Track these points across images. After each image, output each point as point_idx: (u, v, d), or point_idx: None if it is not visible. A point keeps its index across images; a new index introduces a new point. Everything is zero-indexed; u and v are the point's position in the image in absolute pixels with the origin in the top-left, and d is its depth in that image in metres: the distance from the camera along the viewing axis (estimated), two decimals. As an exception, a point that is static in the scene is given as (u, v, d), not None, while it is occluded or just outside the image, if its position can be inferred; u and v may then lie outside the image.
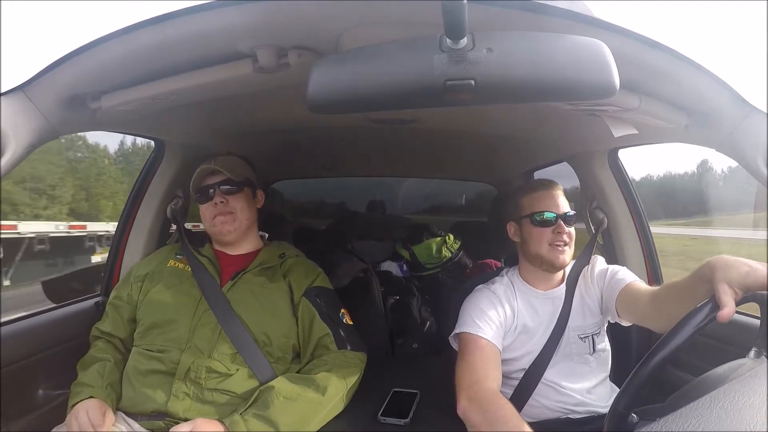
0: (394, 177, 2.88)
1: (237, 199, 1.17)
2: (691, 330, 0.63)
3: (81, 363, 1.07)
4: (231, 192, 1.16)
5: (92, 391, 0.99)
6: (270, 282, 1.14)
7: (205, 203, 1.17)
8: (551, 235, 1.08)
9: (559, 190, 1.13)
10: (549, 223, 1.08)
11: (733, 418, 0.45)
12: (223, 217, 1.15)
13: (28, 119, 0.76)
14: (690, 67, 0.73)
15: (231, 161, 1.20)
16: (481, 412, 0.88)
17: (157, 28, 0.70)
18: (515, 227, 1.15)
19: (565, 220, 1.08)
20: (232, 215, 1.16)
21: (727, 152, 0.81)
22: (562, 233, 1.07)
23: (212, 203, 1.15)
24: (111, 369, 1.05)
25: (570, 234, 1.09)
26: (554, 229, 1.08)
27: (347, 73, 0.53)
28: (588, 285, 1.13)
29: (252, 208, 1.22)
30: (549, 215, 1.08)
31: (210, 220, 1.16)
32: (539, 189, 1.13)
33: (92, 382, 1.01)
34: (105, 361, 1.06)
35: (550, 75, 0.51)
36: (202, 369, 1.00)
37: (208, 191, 1.16)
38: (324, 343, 1.11)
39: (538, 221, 1.09)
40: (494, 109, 1.24)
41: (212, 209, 1.15)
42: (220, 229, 1.16)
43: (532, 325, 1.10)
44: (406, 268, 2.22)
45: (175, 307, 1.08)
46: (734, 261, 0.67)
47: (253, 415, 0.93)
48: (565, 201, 1.12)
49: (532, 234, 1.10)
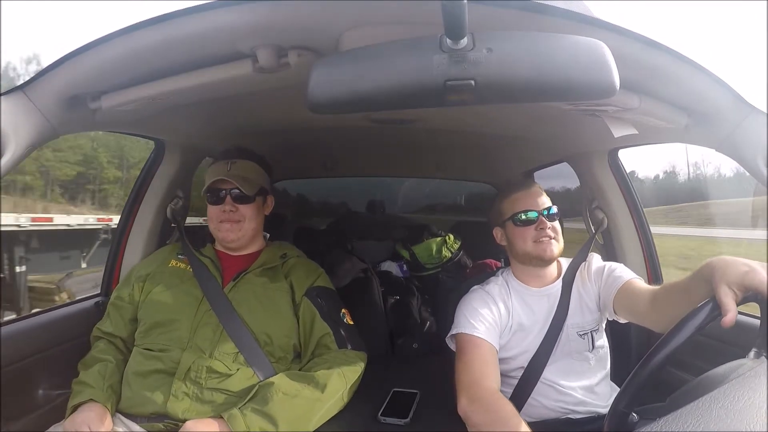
0: (394, 177, 2.89)
1: (247, 209, 1.15)
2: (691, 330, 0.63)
3: (82, 363, 1.07)
4: (242, 200, 1.14)
5: (93, 393, 0.98)
6: (271, 282, 1.14)
7: (214, 205, 1.15)
8: (534, 232, 1.09)
9: (537, 188, 1.14)
10: (531, 221, 1.09)
11: (733, 417, 0.45)
12: (229, 224, 1.14)
13: (28, 119, 0.76)
14: (690, 67, 0.73)
15: (246, 170, 1.17)
16: (482, 412, 0.88)
17: (157, 28, 0.70)
18: (501, 232, 1.17)
19: (546, 216, 1.09)
20: (240, 224, 1.14)
21: (727, 152, 0.81)
22: (545, 228, 1.08)
23: (221, 208, 1.14)
24: (112, 370, 1.05)
25: (554, 228, 1.09)
26: (537, 226, 1.09)
27: (347, 73, 0.53)
28: (585, 282, 1.13)
29: (260, 216, 1.20)
30: (530, 214, 1.09)
31: (216, 223, 1.15)
32: (517, 190, 1.14)
33: (93, 382, 1.00)
34: (106, 362, 1.05)
35: (550, 75, 0.51)
36: (202, 369, 1.00)
37: (219, 193, 1.14)
38: (325, 343, 1.11)
39: (521, 220, 1.10)
40: (494, 109, 1.24)
41: (220, 214, 1.14)
42: (225, 235, 1.15)
43: (527, 323, 1.10)
44: (406, 268, 2.22)
45: (176, 307, 1.08)
46: (733, 261, 0.67)
47: (252, 410, 0.93)
48: (546, 197, 1.12)
49: (516, 234, 1.11)
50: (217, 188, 1.14)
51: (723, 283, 0.64)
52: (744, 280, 0.64)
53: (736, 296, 0.64)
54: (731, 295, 0.63)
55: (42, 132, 0.79)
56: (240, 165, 1.16)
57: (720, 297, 0.64)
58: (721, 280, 0.65)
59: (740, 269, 0.65)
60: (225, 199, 1.14)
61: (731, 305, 0.62)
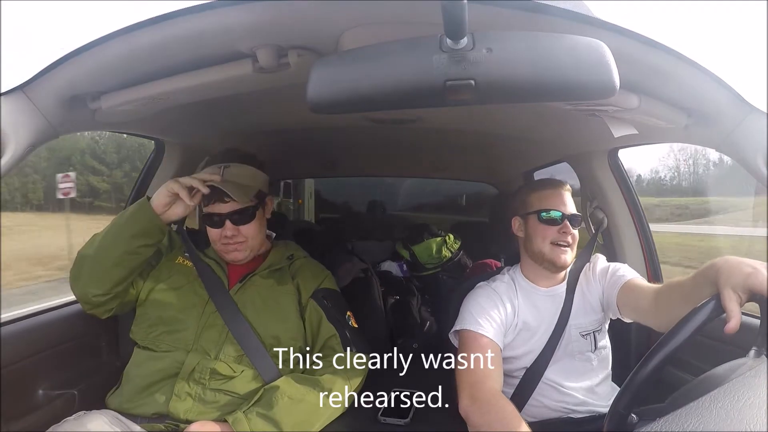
0: (394, 177, 2.89)
1: (249, 228, 1.09)
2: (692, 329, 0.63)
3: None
4: (242, 221, 1.08)
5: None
6: (278, 284, 1.13)
7: (214, 229, 1.09)
8: (556, 234, 1.08)
9: (568, 191, 1.13)
10: (555, 221, 1.08)
11: (733, 417, 0.45)
12: (233, 246, 1.09)
13: (28, 119, 0.76)
14: (690, 67, 0.73)
15: (242, 175, 1.09)
16: (483, 413, 0.88)
17: (157, 28, 0.70)
18: (520, 222, 1.15)
19: (571, 220, 1.09)
20: (243, 243, 1.10)
21: (727, 152, 0.81)
22: (567, 233, 1.07)
23: (221, 232, 1.08)
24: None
25: (574, 236, 1.09)
26: (560, 229, 1.08)
27: (347, 73, 0.53)
28: (590, 282, 1.13)
29: (262, 228, 1.15)
30: (556, 214, 1.08)
31: (218, 244, 1.11)
32: (548, 187, 1.13)
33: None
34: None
35: (550, 75, 0.51)
36: (206, 370, 1.00)
37: (215, 218, 1.07)
38: (330, 345, 1.10)
39: (545, 219, 1.09)
40: (494, 109, 1.24)
41: (221, 237, 1.09)
42: (234, 256, 1.11)
43: (533, 323, 1.10)
44: (406, 268, 2.22)
45: (182, 307, 1.07)
46: (737, 263, 0.66)
47: (257, 414, 0.93)
48: (572, 202, 1.12)
49: (537, 230, 1.10)
50: (215, 213, 1.07)
51: (728, 286, 0.64)
52: (747, 282, 0.63)
53: (741, 300, 0.63)
54: (735, 298, 0.63)
55: (42, 132, 0.79)
56: (234, 170, 1.09)
57: (725, 302, 0.63)
58: (726, 283, 0.64)
59: (744, 271, 0.64)
60: (224, 223, 1.07)
61: (735, 310, 0.62)
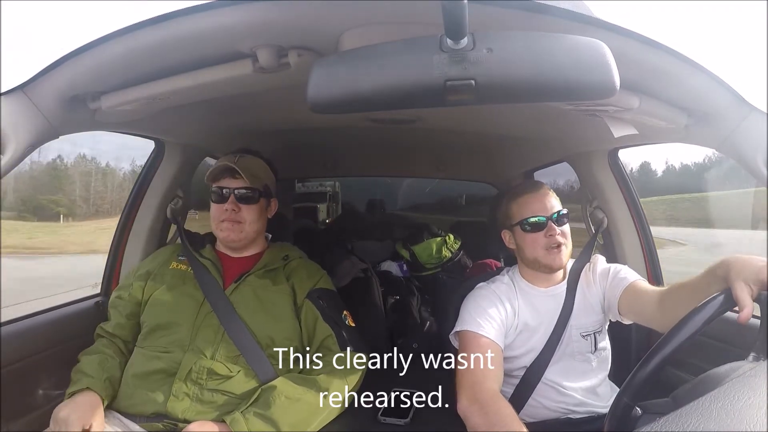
0: (394, 177, 2.89)
1: (249, 210, 1.14)
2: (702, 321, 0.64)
3: (84, 352, 1.07)
4: (245, 201, 1.13)
5: (90, 382, 0.98)
6: (273, 284, 1.14)
7: (217, 204, 1.14)
8: (544, 238, 1.07)
9: (546, 190, 1.11)
10: (539, 227, 1.07)
11: (733, 417, 0.45)
12: (230, 224, 1.13)
13: (28, 119, 0.76)
14: (690, 67, 0.73)
15: (254, 164, 1.17)
16: (482, 414, 0.88)
17: (157, 28, 0.70)
18: (509, 235, 1.15)
19: (555, 220, 1.07)
20: (240, 225, 1.13)
21: (727, 152, 0.81)
22: (554, 234, 1.06)
23: (223, 207, 1.13)
24: (112, 364, 1.05)
25: (563, 233, 1.08)
26: (546, 232, 1.06)
27: (347, 73, 0.53)
28: (590, 283, 1.13)
29: (262, 218, 1.19)
30: (538, 219, 1.07)
31: (217, 222, 1.14)
32: (525, 193, 1.11)
33: (92, 372, 1.00)
34: (108, 356, 1.05)
35: (550, 75, 0.50)
36: (203, 370, 1.00)
37: (222, 192, 1.13)
38: (327, 345, 1.10)
39: (529, 227, 1.08)
40: (494, 109, 1.24)
41: (222, 213, 1.13)
42: (226, 235, 1.14)
43: (533, 324, 1.09)
44: (406, 268, 2.22)
45: (177, 309, 1.08)
46: (749, 258, 0.68)
47: (254, 414, 0.93)
48: (555, 200, 1.10)
49: (525, 240, 1.09)
50: (222, 186, 1.14)
51: (740, 279, 0.66)
52: (760, 275, 0.65)
53: (752, 292, 0.65)
54: (747, 290, 0.65)
55: (42, 132, 0.79)
56: (246, 160, 1.16)
57: (737, 293, 0.65)
58: (738, 276, 0.66)
59: (757, 265, 0.67)
60: (228, 198, 1.12)
61: (747, 301, 0.64)
